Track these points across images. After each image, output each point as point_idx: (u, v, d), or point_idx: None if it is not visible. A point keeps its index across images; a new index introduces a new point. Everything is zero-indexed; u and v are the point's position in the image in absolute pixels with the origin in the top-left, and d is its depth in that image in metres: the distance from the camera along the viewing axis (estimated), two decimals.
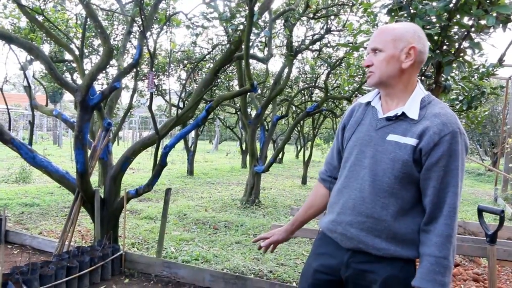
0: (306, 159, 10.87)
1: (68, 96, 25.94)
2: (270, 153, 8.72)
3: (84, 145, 3.67)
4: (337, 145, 1.76)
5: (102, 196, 4.07)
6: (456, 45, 3.08)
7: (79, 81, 5.12)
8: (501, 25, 2.75)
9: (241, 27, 4.00)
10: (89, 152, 4.00)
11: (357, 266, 1.55)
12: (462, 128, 1.45)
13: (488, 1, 2.69)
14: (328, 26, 8.02)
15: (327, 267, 1.62)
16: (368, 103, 1.66)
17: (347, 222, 1.55)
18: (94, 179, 8.26)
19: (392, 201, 1.48)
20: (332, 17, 7.87)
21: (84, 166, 3.69)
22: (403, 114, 1.51)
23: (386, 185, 1.48)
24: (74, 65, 6.60)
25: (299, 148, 19.08)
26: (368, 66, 1.55)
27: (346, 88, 7.91)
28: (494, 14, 2.63)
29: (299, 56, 9.68)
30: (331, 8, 7.60)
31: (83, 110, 3.54)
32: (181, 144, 18.19)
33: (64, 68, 7.57)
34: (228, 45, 4.33)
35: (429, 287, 1.41)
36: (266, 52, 6.92)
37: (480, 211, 2.24)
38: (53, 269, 3.22)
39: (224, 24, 5.47)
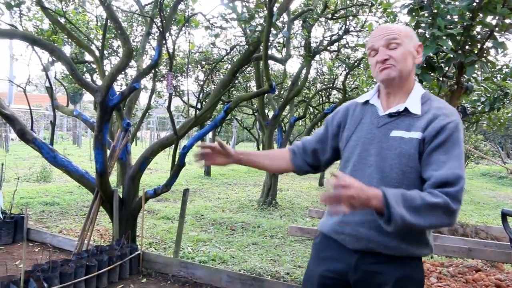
0: None
1: (87, 97, 26.34)
2: None
3: (103, 145, 3.71)
4: (318, 135, 1.75)
5: (121, 196, 4.11)
6: (479, 45, 3.02)
7: (99, 82, 5.19)
8: None
9: (259, 28, 3.99)
10: (108, 152, 4.04)
11: (366, 268, 1.51)
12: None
13: None
14: (347, 26, 7.95)
15: (333, 271, 1.57)
16: (366, 102, 1.63)
17: (356, 222, 1.51)
18: (113, 179, 8.36)
19: None
20: (351, 17, 7.81)
21: (103, 166, 3.73)
22: (406, 109, 1.50)
23: (394, 181, 1.45)
24: (94, 66, 6.69)
25: None
26: (385, 61, 1.49)
27: (365, 89, 7.83)
28: None
29: (317, 57, 9.62)
30: (350, 9, 7.53)
31: (102, 111, 3.58)
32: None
33: (84, 69, 7.68)
34: (246, 46, 4.33)
35: (390, 198, 1.28)
36: (284, 53, 6.90)
37: (504, 215, 2.19)
38: (73, 267, 3.26)
39: (243, 25, 5.47)
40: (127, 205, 4.07)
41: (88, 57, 7.40)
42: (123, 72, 7.57)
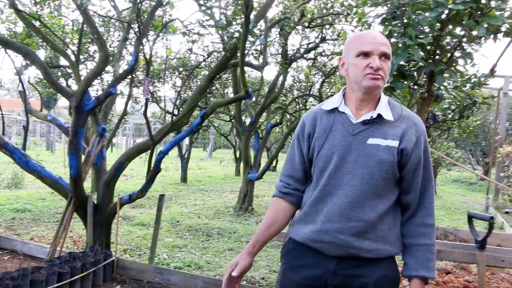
0: None
1: (62, 103, 25.83)
2: (263, 161, 8.73)
3: (78, 150, 3.67)
4: (299, 155, 1.68)
5: (95, 202, 4.06)
6: (448, 54, 3.13)
7: (74, 87, 5.13)
8: (491, 35, 2.80)
9: (237, 34, 4.04)
10: (83, 157, 3.99)
11: (345, 272, 1.53)
12: None
13: (479, 12, 2.74)
14: (323, 35, 8.09)
15: (311, 278, 1.56)
16: (333, 110, 1.62)
17: (335, 229, 1.51)
18: (87, 185, 8.22)
19: (379, 202, 1.51)
20: (327, 26, 7.94)
21: (77, 171, 3.68)
22: (379, 116, 1.53)
23: (374, 187, 1.50)
24: (70, 70, 6.61)
25: None
26: (378, 69, 1.49)
27: None
28: (485, 25, 2.69)
29: (294, 65, 9.73)
30: (326, 18, 7.67)
31: (77, 115, 3.55)
32: (175, 151, 18.14)
33: (60, 73, 7.57)
34: (223, 53, 4.36)
35: (428, 273, 1.52)
36: (261, 60, 6.97)
37: (470, 218, 2.27)
38: (44, 274, 3.20)
39: (220, 32, 5.51)
40: (101, 211, 4.02)
41: (63, 62, 7.29)
42: (99, 77, 7.50)
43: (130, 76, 4.55)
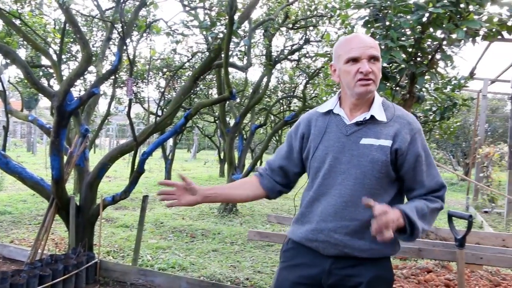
0: None
1: (43, 103, 25.45)
2: (248, 162, 8.74)
3: (60, 151, 3.62)
4: (286, 151, 1.74)
5: (78, 203, 4.01)
6: (429, 57, 3.19)
7: (56, 87, 5.06)
8: (470, 39, 2.87)
9: (221, 35, 4.04)
10: (65, 158, 3.94)
11: (340, 272, 1.55)
12: None
13: (458, 16, 2.80)
14: (307, 36, 8.14)
15: (307, 277, 1.59)
16: (328, 112, 1.65)
17: (330, 228, 1.54)
18: (70, 186, 8.11)
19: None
20: (311, 28, 8.00)
21: (59, 173, 3.64)
22: (372, 117, 1.56)
23: (367, 187, 1.52)
24: (51, 70, 6.51)
25: None
26: (368, 73, 1.51)
27: (324, 98, 8.02)
28: (464, 29, 2.75)
29: (278, 66, 9.77)
30: (310, 19, 7.73)
31: (60, 116, 3.50)
32: (158, 152, 18.01)
33: (41, 73, 7.45)
34: (207, 53, 4.36)
35: (410, 212, 1.46)
36: (245, 61, 6.98)
37: (450, 216, 2.32)
38: (25, 277, 3.15)
39: (204, 32, 5.50)
40: (84, 212, 3.98)
41: (45, 61, 7.19)
42: (81, 77, 7.40)
43: (113, 77, 4.51)
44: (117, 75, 6.52)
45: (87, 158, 4.27)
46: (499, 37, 3.02)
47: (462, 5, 2.79)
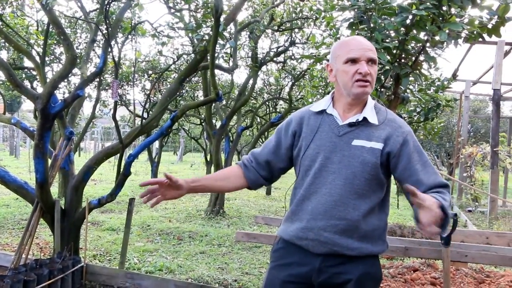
0: None
1: (26, 106, 24.99)
2: (234, 164, 8.74)
3: (44, 154, 3.57)
4: (273, 146, 1.74)
5: (63, 207, 3.96)
6: (413, 58, 3.24)
7: (40, 90, 5.00)
8: (452, 41, 2.92)
9: (207, 37, 4.04)
10: (49, 161, 3.89)
11: (330, 269, 1.58)
12: None
13: (441, 18, 2.85)
14: (293, 38, 8.18)
15: (297, 276, 1.61)
16: (321, 111, 1.67)
17: (319, 227, 1.57)
18: (54, 190, 8.00)
19: (362, 202, 1.56)
20: (296, 30, 8.04)
21: (44, 176, 3.58)
22: (364, 119, 1.59)
23: (357, 187, 1.55)
24: (35, 72, 6.42)
25: None
26: (366, 75, 1.53)
27: (310, 100, 8.07)
28: (446, 31, 2.80)
29: (264, 68, 9.79)
30: (295, 21, 7.77)
31: (43, 118, 3.45)
32: (144, 155, 17.88)
33: (24, 75, 7.33)
34: (193, 55, 4.35)
35: (439, 197, 1.41)
36: (231, 63, 6.98)
37: None
38: (9, 283, 3.09)
39: (190, 34, 5.49)
40: (69, 216, 3.92)
41: (27, 63, 7.09)
42: (66, 80, 7.32)
43: (98, 79, 4.47)
44: (102, 77, 6.46)
45: (72, 161, 4.22)
46: (480, 39, 3.08)
47: (444, 8, 2.84)
